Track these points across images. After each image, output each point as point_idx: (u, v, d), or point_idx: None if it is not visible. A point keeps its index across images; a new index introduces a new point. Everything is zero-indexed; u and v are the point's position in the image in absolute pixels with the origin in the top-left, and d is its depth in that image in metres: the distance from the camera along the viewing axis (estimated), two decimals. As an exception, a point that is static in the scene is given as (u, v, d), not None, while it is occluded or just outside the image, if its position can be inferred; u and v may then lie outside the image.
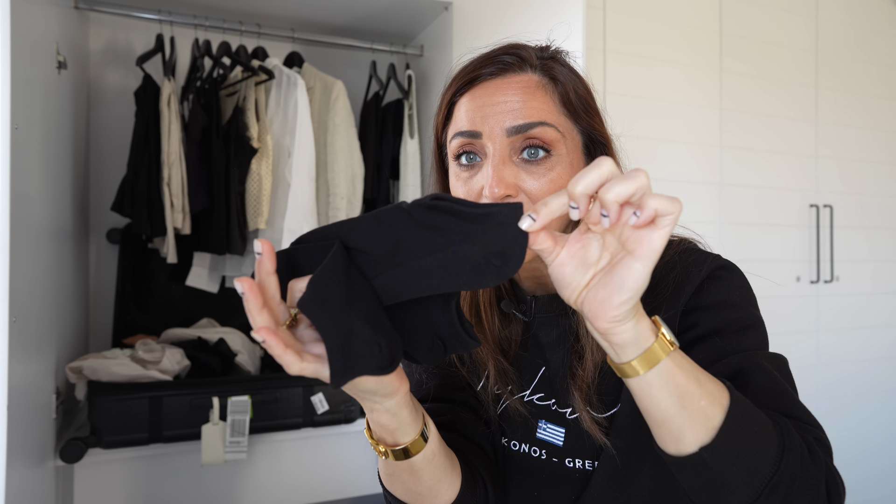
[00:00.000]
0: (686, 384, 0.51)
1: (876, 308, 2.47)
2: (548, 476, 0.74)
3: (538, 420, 0.75)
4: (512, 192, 0.66)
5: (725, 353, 0.63)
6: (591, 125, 0.73)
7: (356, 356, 0.49)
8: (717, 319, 0.66)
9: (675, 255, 0.74)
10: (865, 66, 2.46)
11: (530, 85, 0.69)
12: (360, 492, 2.06)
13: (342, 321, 0.49)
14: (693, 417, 0.51)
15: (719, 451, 0.51)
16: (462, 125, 0.69)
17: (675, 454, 0.53)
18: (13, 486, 1.20)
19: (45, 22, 1.52)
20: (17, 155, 1.20)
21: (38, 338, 1.42)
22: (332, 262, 0.49)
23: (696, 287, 0.69)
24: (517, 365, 0.75)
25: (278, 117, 2.09)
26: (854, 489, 2.43)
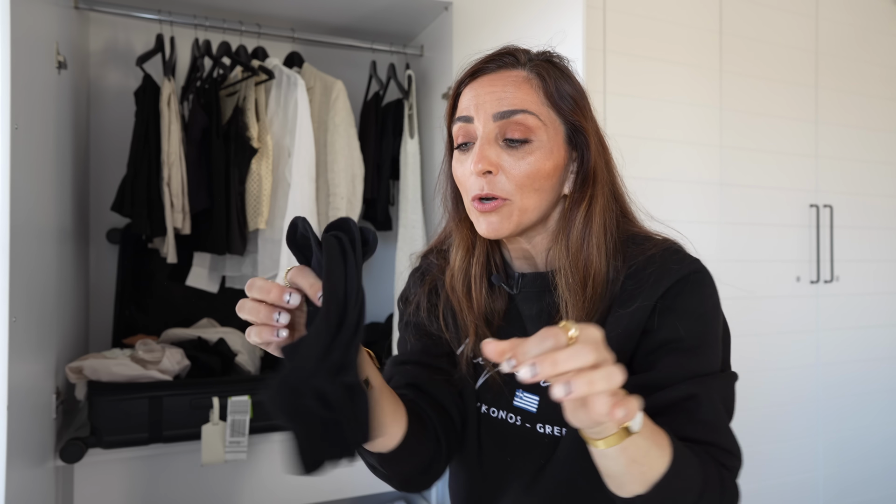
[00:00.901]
0: (634, 458, 0.60)
1: (876, 308, 2.47)
2: (520, 441, 0.82)
3: (515, 389, 0.83)
4: (493, 168, 0.76)
5: (683, 375, 0.72)
6: (575, 119, 0.79)
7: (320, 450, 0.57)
8: (685, 328, 0.73)
9: (658, 252, 0.79)
10: (865, 66, 2.46)
11: (518, 79, 0.78)
12: (361, 491, 2.06)
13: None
14: (634, 477, 0.62)
15: (650, 499, 0.63)
16: (461, 112, 0.80)
17: (615, 492, 0.66)
18: (13, 485, 1.20)
19: (45, 22, 1.52)
20: (17, 155, 1.20)
21: (38, 338, 1.42)
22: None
23: (672, 284, 0.74)
24: (499, 336, 0.77)
25: (278, 117, 2.09)
26: (854, 489, 2.42)
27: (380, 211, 2.32)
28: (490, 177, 0.76)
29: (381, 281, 2.63)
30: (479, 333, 0.84)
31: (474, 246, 0.85)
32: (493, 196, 0.76)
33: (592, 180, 0.79)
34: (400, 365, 0.90)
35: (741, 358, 2.17)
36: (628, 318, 0.75)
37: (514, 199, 0.77)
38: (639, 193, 1.96)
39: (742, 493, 2.31)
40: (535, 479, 0.80)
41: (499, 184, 0.77)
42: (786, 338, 2.28)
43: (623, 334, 0.74)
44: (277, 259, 2.05)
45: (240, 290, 2.23)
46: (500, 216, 0.77)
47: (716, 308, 0.78)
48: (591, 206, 0.78)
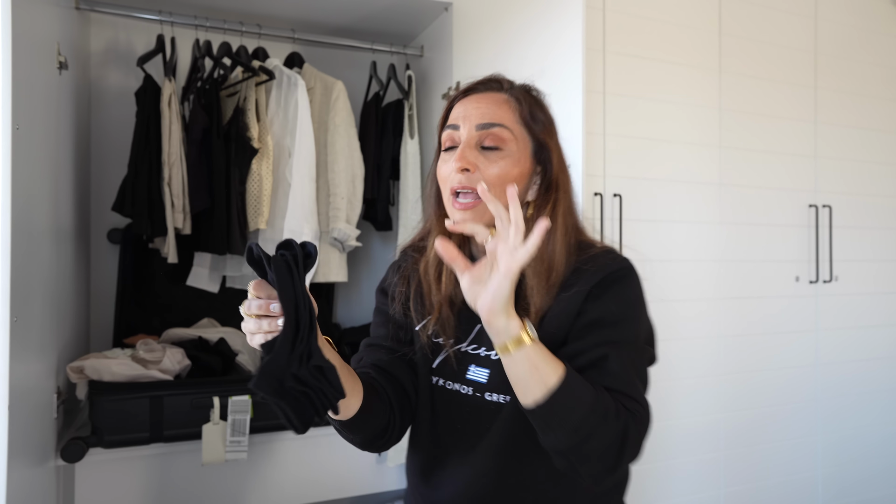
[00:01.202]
0: (535, 364, 0.80)
1: (875, 308, 2.48)
2: (471, 409, 0.96)
3: (468, 365, 0.98)
4: (470, 167, 0.92)
5: (599, 343, 0.88)
6: (541, 138, 0.97)
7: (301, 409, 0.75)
8: (609, 310, 0.90)
9: (598, 253, 0.95)
10: (864, 67, 2.46)
11: (499, 100, 0.96)
12: (361, 491, 2.07)
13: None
14: (536, 382, 0.80)
15: (548, 406, 0.80)
16: (451, 122, 0.97)
17: (524, 404, 0.82)
18: (14, 485, 1.20)
19: (46, 22, 1.52)
20: (18, 155, 1.21)
21: (39, 337, 1.43)
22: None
23: (605, 276, 0.91)
24: (459, 318, 0.99)
25: (279, 117, 2.09)
26: (854, 489, 2.43)
27: (380, 211, 2.32)
28: (468, 174, 0.92)
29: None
30: (442, 313, 0.99)
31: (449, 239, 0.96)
32: (470, 191, 0.92)
33: (555, 188, 0.96)
34: (369, 347, 1.07)
35: (740, 358, 2.17)
36: (567, 301, 0.90)
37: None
38: (638, 193, 1.97)
39: (741, 493, 2.30)
40: (482, 440, 0.95)
41: (474, 181, 0.92)
42: (785, 338, 2.28)
43: (563, 313, 0.90)
44: (278, 259, 2.06)
45: (240, 290, 2.24)
46: (473, 214, 0.92)
47: (637, 297, 0.94)
48: (556, 209, 0.95)
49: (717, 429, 2.15)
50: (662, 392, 2.03)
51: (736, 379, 2.18)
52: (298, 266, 0.74)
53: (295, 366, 0.73)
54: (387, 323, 1.08)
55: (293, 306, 0.72)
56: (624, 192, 1.96)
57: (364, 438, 0.98)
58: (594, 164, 1.92)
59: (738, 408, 2.19)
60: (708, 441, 2.13)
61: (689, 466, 2.10)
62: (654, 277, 2.05)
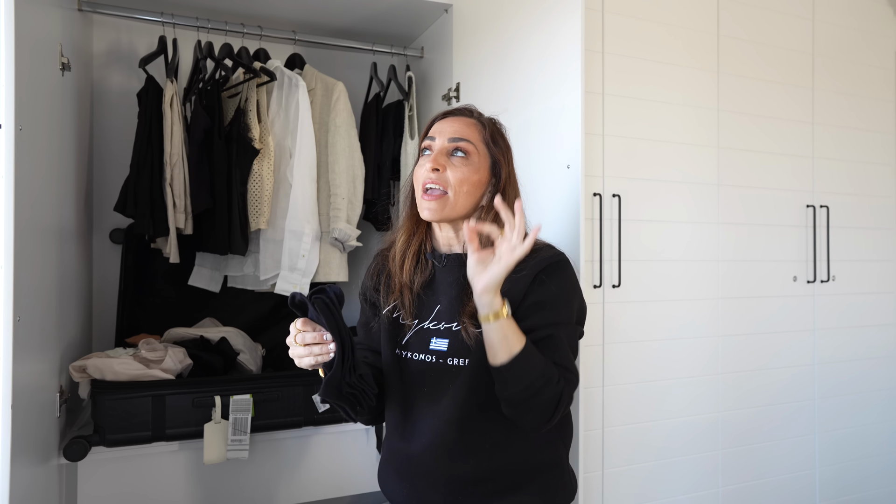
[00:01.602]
0: (506, 334, 1.04)
1: (873, 308, 2.48)
2: (435, 373, 1.17)
3: (431, 337, 1.19)
4: (440, 168, 1.17)
5: (546, 324, 1.12)
6: (497, 156, 1.22)
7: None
8: (549, 293, 1.13)
9: (540, 246, 1.18)
10: (861, 68, 2.47)
11: (468, 122, 1.23)
12: (361, 489, 2.08)
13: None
14: (504, 348, 1.04)
15: (510, 366, 1.04)
16: (430, 135, 1.23)
17: (492, 364, 1.06)
18: (17, 483, 1.21)
19: (49, 24, 1.53)
20: (21, 156, 1.22)
21: (41, 337, 1.44)
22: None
23: (547, 265, 1.14)
24: (419, 301, 1.22)
25: (280, 118, 2.10)
26: (851, 488, 2.44)
27: (380, 211, 2.33)
28: (438, 173, 1.17)
29: (382, 281, 2.65)
30: (402, 294, 1.23)
31: (414, 234, 1.25)
32: (438, 186, 1.16)
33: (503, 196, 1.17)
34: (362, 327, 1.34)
35: (738, 357, 2.18)
36: (516, 281, 1.12)
37: (450, 194, 1.16)
38: (637, 194, 1.97)
39: (739, 491, 2.31)
40: (445, 396, 1.15)
41: (442, 178, 1.16)
42: (782, 337, 2.29)
43: (514, 291, 1.12)
44: (279, 259, 2.07)
45: (241, 290, 2.25)
46: (438, 205, 1.16)
47: (573, 284, 1.19)
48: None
49: (715, 427, 2.16)
50: (661, 391, 2.04)
51: (733, 378, 2.19)
52: (335, 304, 0.96)
53: (348, 376, 0.99)
54: (365, 325, 1.32)
55: (339, 334, 0.96)
56: (623, 193, 1.96)
57: (370, 418, 1.25)
58: (593, 164, 1.93)
59: (736, 407, 2.19)
60: (705, 440, 2.14)
61: (687, 465, 2.11)
62: (652, 277, 2.06)
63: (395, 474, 1.24)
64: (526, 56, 1.73)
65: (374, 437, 2.08)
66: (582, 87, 1.53)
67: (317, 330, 1.00)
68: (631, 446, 1.98)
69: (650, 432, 2.02)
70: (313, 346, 1.00)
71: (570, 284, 1.18)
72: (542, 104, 1.64)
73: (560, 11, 1.60)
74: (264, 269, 2.10)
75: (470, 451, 1.15)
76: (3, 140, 1.16)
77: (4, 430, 1.16)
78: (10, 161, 1.17)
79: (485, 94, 1.91)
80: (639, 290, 1.99)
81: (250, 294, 2.29)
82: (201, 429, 1.77)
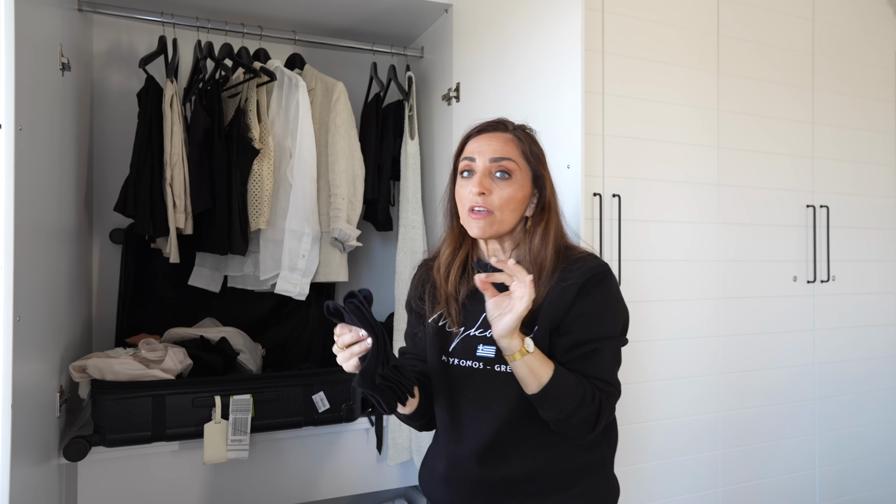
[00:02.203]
0: (532, 368, 1.09)
1: (872, 308, 2.48)
2: (482, 379, 1.20)
3: (478, 344, 1.22)
4: (486, 191, 1.18)
5: (591, 339, 1.15)
6: (538, 169, 1.24)
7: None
8: (594, 305, 1.16)
9: (583, 256, 1.20)
10: (861, 68, 2.47)
11: (506, 139, 1.23)
12: (361, 489, 2.08)
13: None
14: (533, 381, 1.09)
15: (542, 395, 1.09)
16: (468, 153, 1.24)
17: (526, 392, 1.11)
18: (17, 483, 1.21)
19: (49, 24, 1.53)
20: (21, 156, 1.22)
21: (41, 337, 1.44)
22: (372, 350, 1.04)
23: (592, 276, 1.16)
24: (465, 309, 1.25)
25: (280, 118, 2.10)
26: (851, 488, 2.44)
27: (380, 211, 2.33)
28: (484, 197, 1.18)
29: (383, 280, 2.65)
30: (448, 305, 1.26)
31: (459, 247, 1.28)
32: (484, 208, 1.18)
33: (548, 209, 1.23)
34: (409, 338, 1.37)
35: (738, 357, 2.18)
36: (562, 291, 1.16)
37: (497, 213, 1.18)
38: (637, 194, 1.97)
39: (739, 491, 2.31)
40: (494, 402, 1.19)
41: (488, 202, 1.18)
42: (783, 337, 2.29)
43: (559, 301, 1.16)
44: (279, 259, 2.07)
45: (241, 290, 2.25)
46: (486, 222, 1.18)
47: (616, 294, 1.21)
48: (547, 227, 1.22)
49: (715, 427, 2.16)
50: (661, 391, 2.04)
51: (733, 378, 2.19)
52: (366, 305, 1.04)
53: (381, 368, 1.03)
54: (411, 335, 1.36)
55: (372, 328, 1.03)
56: (623, 193, 1.97)
57: (423, 423, 1.30)
58: (593, 164, 1.93)
59: (736, 407, 2.19)
60: (706, 439, 2.14)
61: (687, 465, 2.11)
62: (652, 277, 2.06)
63: (439, 476, 1.28)
64: (526, 56, 1.73)
65: (373, 437, 2.08)
66: (582, 87, 1.53)
67: (352, 331, 1.06)
68: (631, 446, 1.98)
69: (650, 432, 2.02)
70: (353, 346, 1.05)
71: (614, 295, 1.21)
72: (542, 104, 1.64)
73: (560, 11, 1.60)
74: (264, 269, 2.10)
75: (515, 453, 1.19)
76: (3, 140, 1.16)
77: (4, 430, 1.16)
78: (10, 161, 1.17)
79: (485, 94, 1.91)
80: (639, 290, 1.99)
81: (250, 294, 2.29)
82: (201, 429, 1.77)
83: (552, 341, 1.16)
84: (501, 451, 1.19)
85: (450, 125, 2.08)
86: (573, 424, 1.12)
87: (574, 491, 1.19)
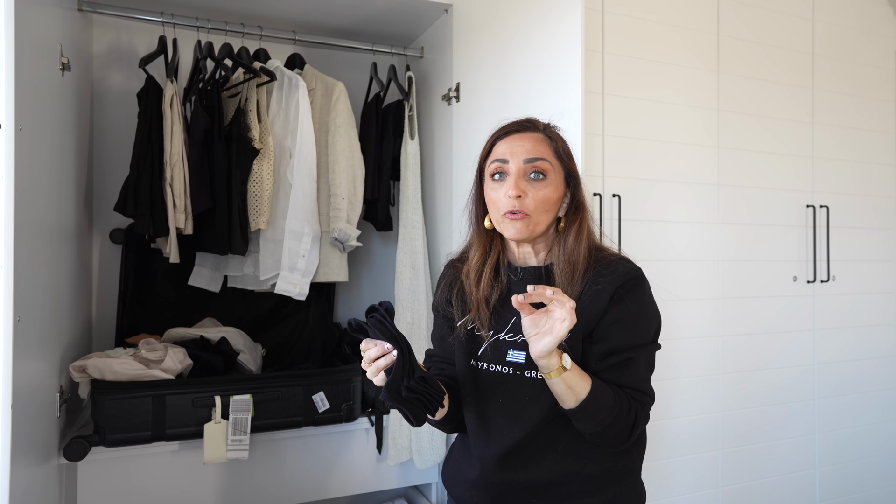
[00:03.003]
0: (570, 384, 1.07)
1: (872, 308, 2.49)
2: (511, 385, 1.19)
3: (508, 349, 1.20)
4: (522, 194, 1.15)
5: (625, 347, 1.14)
6: (570, 167, 1.21)
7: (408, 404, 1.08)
8: (631, 311, 1.14)
9: (616, 260, 1.18)
10: (861, 68, 2.47)
11: (538, 139, 1.19)
12: (361, 489, 2.08)
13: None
14: (570, 397, 1.07)
15: (579, 410, 1.08)
16: (498, 155, 1.20)
17: (563, 407, 1.10)
18: (17, 483, 1.21)
19: (49, 24, 1.53)
20: (21, 156, 1.22)
21: (41, 337, 1.44)
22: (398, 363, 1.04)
23: (625, 281, 1.15)
24: (495, 314, 1.22)
25: (280, 118, 2.10)
26: (850, 488, 2.44)
27: (380, 211, 2.33)
28: (520, 200, 1.15)
29: (383, 280, 2.65)
30: (479, 309, 1.22)
31: (488, 251, 1.25)
32: (520, 211, 1.15)
33: (581, 208, 1.20)
34: (430, 358, 1.36)
35: (738, 357, 2.18)
36: (595, 296, 1.14)
37: (533, 215, 1.15)
38: (636, 194, 1.97)
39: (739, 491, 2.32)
40: (523, 407, 1.18)
41: (525, 205, 1.15)
42: (783, 337, 2.29)
43: (592, 308, 1.14)
44: (279, 259, 2.07)
45: (241, 290, 2.25)
46: (523, 224, 1.15)
47: (650, 300, 1.19)
48: (581, 225, 1.19)
49: (715, 427, 2.16)
50: (661, 391, 2.04)
51: (734, 378, 2.19)
52: (388, 318, 1.05)
53: (406, 380, 1.04)
54: (444, 322, 1.33)
55: (396, 341, 1.03)
56: (623, 193, 1.97)
57: (453, 427, 1.30)
58: (593, 164, 1.93)
59: (736, 406, 2.19)
60: (706, 439, 2.14)
61: (688, 464, 2.11)
62: (652, 277, 2.05)
63: (467, 479, 1.27)
64: (526, 56, 1.73)
65: (373, 437, 2.08)
66: (582, 87, 1.53)
67: (377, 345, 1.06)
68: (631, 446, 1.98)
69: (651, 432, 2.02)
70: (379, 360, 1.05)
71: (648, 301, 1.19)
72: (542, 104, 1.64)
73: (560, 11, 1.60)
74: (264, 269, 2.10)
75: (545, 457, 1.19)
76: (3, 140, 1.16)
77: (4, 430, 1.16)
78: (10, 161, 1.17)
79: (485, 94, 1.91)
80: (639, 290, 1.99)
81: (250, 294, 2.29)
82: (201, 429, 1.77)
83: (584, 348, 1.15)
84: (530, 454, 1.19)
85: (450, 125, 2.08)
86: (609, 436, 1.12)
87: (602, 496, 1.18)
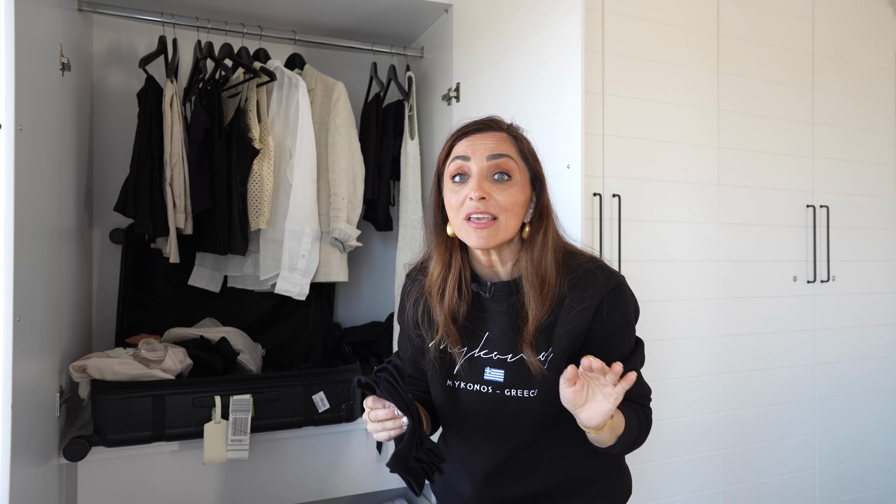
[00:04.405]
0: (612, 427, 1.03)
1: (872, 308, 2.49)
2: (492, 405, 1.13)
3: (484, 367, 1.14)
4: (486, 196, 1.05)
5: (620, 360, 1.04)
6: (535, 169, 1.13)
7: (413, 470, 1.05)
8: (617, 323, 1.10)
9: (592, 268, 1.11)
10: (861, 68, 2.47)
11: (501, 137, 1.11)
12: (361, 489, 2.08)
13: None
14: (611, 437, 1.05)
15: (616, 445, 1.07)
16: (459, 153, 1.10)
17: (599, 445, 1.07)
18: (17, 483, 1.21)
19: (49, 24, 1.53)
20: (21, 156, 1.22)
21: (41, 337, 1.44)
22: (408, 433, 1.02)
23: (608, 293, 1.09)
24: (464, 332, 1.15)
25: (280, 118, 2.10)
26: (851, 488, 2.44)
27: (380, 211, 2.33)
28: (484, 201, 1.05)
29: (383, 280, 2.65)
30: (447, 327, 1.14)
31: (450, 264, 1.15)
32: (486, 214, 1.04)
33: (546, 213, 1.12)
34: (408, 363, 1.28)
35: (738, 357, 2.18)
36: (578, 315, 1.08)
37: (501, 218, 1.05)
38: (637, 194, 1.97)
39: (739, 491, 2.32)
40: (505, 426, 1.14)
41: (490, 207, 1.05)
42: (783, 337, 2.29)
43: (575, 327, 1.09)
44: (279, 259, 2.07)
45: (241, 290, 2.25)
46: (489, 232, 1.05)
47: (634, 306, 1.15)
48: (547, 231, 1.10)
49: (715, 427, 2.16)
50: (661, 391, 2.04)
51: (734, 378, 2.19)
52: (399, 381, 1.01)
53: (415, 450, 1.02)
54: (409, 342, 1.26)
55: (408, 409, 1.00)
56: (623, 193, 1.97)
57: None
58: (593, 164, 1.93)
59: (736, 407, 2.19)
60: (706, 439, 2.14)
61: (688, 464, 2.11)
62: (652, 277, 2.06)
63: (458, 495, 1.25)
64: (526, 56, 1.73)
65: (373, 438, 2.08)
66: (582, 87, 1.53)
67: (386, 407, 1.02)
68: (631, 446, 1.98)
69: (651, 432, 2.02)
70: (386, 421, 1.03)
71: (633, 308, 1.15)
72: (542, 104, 1.64)
73: (560, 11, 1.60)
74: (264, 269, 2.10)
75: (533, 471, 1.17)
76: (3, 140, 1.16)
77: (4, 430, 1.16)
78: (10, 161, 1.17)
79: (485, 94, 1.91)
80: (639, 290, 1.98)
81: (250, 294, 2.29)
82: (201, 429, 1.77)
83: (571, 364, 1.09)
84: (518, 470, 1.17)
85: (450, 125, 2.08)
86: (631, 450, 1.13)
87: (591, 490, 1.19)
